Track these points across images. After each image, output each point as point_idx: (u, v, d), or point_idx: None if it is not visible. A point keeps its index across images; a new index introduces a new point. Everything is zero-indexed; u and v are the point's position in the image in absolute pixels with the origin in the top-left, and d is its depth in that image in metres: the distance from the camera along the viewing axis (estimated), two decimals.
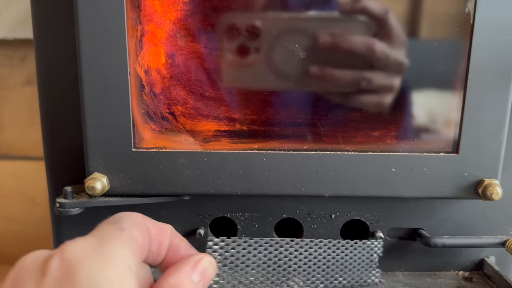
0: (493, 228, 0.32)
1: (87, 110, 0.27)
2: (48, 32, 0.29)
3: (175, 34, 0.27)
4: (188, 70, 0.28)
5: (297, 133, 0.29)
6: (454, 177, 0.29)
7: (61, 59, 0.29)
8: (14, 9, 0.60)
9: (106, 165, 0.28)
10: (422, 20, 0.27)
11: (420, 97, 0.29)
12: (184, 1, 0.27)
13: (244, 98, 0.28)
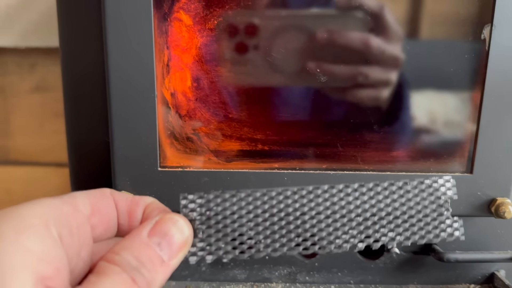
0: (504, 243, 0.33)
1: (115, 131, 0.28)
2: (76, 56, 0.30)
3: (201, 58, 0.28)
4: (213, 93, 0.29)
5: (316, 153, 0.30)
6: (468, 196, 0.30)
7: (90, 81, 0.30)
8: (25, 18, 0.60)
9: (133, 184, 0.29)
10: (437, 53, 0.28)
11: (437, 121, 0.30)
12: (210, 28, 0.28)
13: (266, 120, 0.29)
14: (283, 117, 0.29)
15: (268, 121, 0.29)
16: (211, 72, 0.28)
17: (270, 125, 0.29)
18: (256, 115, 0.29)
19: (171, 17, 0.27)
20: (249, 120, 0.29)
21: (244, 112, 0.29)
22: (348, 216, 0.21)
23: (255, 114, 0.29)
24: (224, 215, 0.21)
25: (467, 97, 0.29)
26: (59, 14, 0.30)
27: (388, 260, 0.34)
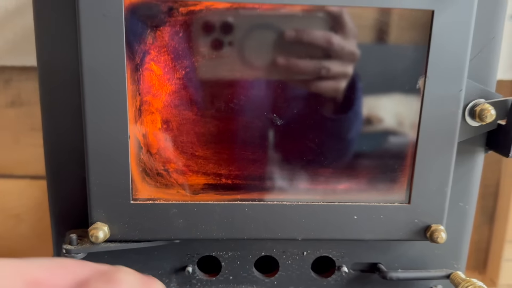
0: (440, 262, 0.38)
1: (91, 169, 0.31)
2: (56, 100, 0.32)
3: (170, 103, 0.31)
4: (181, 134, 0.32)
5: (274, 186, 0.34)
6: (406, 223, 0.34)
7: (68, 123, 0.33)
8: (0, 38, 0.62)
9: (107, 216, 0.32)
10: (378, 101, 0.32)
11: (378, 159, 0.34)
12: (179, 77, 0.31)
13: (229, 157, 0.33)
14: (244, 155, 0.33)
15: (231, 158, 0.33)
16: (179, 116, 0.32)
17: (232, 161, 0.33)
18: (220, 153, 0.33)
19: (142, 68, 0.30)
20: (214, 157, 0.33)
21: (209, 150, 0.33)
22: None
23: (219, 152, 0.33)
24: None
25: (405, 139, 0.33)
26: (37, 36, 0.32)
27: (338, 278, 0.38)
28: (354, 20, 0.31)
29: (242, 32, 0.31)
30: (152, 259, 0.35)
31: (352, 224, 0.34)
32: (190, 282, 0.37)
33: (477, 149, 0.36)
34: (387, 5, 0.31)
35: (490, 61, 0.34)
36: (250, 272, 0.37)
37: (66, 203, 0.35)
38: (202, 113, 0.32)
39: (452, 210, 0.36)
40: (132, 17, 0.30)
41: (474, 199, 0.37)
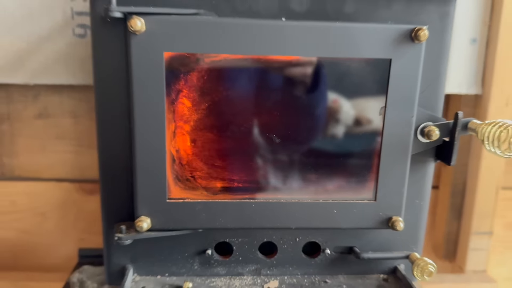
0: (402, 246, 0.50)
1: (138, 176, 0.43)
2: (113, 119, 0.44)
3: (196, 128, 0.43)
4: (204, 150, 0.44)
5: (273, 188, 0.45)
6: (373, 216, 0.46)
7: (119, 141, 0.44)
8: (34, 61, 0.73)
9: (149, 211, 0.44)
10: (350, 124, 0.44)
11: (352, 169, 0.46)
12: (203, 108, 0.42)
13: (239, 167, 0.44)
14: (251, 165, 0.45)
15: (241, 168, 0.45)
16: (203, 136, 0.43)
17: (242, 170, 0.45)
18: (233, 164, 0.44)
19: (177, 102, 0.42)
20: (228, 167, 0.44)
21: (225, 162, 0.44)
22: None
23: (232, 163, 0.44)
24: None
25: (371, 153, 0.45)
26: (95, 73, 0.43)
27: (323, 258, 0.49)
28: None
29: (248, 75, 0.43)
30: (181, 244, 0.47)
31: (333, 216, 0.46)
32: (209, 262, 0.48)
33: (428, 160, 0.48)
34: (357, 55, 0.42)
35: (436, 93, 0.46)
36: (255, 254, 0.49)
37: (115, 202, 0.46)
38: (220, 135, 0.44)
39: (410, 206, 0.48)
40: (169, 65, 0.41)
41: (427, 197, 0.49)
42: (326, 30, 0.41)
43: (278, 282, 0.48)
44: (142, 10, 0.39)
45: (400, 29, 0.41)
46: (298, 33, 0.41)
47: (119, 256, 0.47)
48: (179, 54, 0.41)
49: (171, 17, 0.40)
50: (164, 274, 0.48)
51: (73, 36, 0.72)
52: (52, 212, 0.85)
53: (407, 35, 0.41)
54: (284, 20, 0.42)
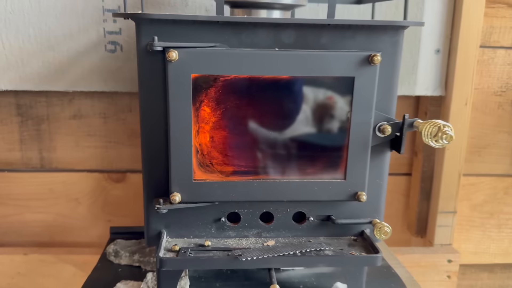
0: (368, 213, 0.67)
1: (172, 163, 0.60)
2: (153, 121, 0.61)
3: (214, 127, 0.60)
4: (220, 143, 0.61)
5: (271, 171, 0.63)
6: (344, 191, 0.64)
7: (159, 139, 0.61)
8: (73, 72, 0.90)
9: (180, 188, 0.61)
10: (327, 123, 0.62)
11: (329, 157, 0.63)
12: (219, 113, 0.60)
13: (246, 156, 0.62)
14: (254, 154, 0.62)
15: (247, 157, 0.62)
16: (219, 134, 0.61)
17: (248, 158, 0.62)
18: (241, 154, 0.62)
19: (200, 109, 0.60)
20: (238, 156, 0.62)
21: (235, 152, 0.62)
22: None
23: (241, 153, 0.62)
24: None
25: (342, 145, 0.63)
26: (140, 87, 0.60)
27: (308, 224, 0.67)
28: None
29: (251, 89, 0.60)
30: (201, 214, 0.65)
31: (314, 192, 0.63)
32: (223, 227, 0.66)
33: (385, 149, 0.65)
34: (329, 74, 0.60)
35: (391, 101, 0.63)
36: (257, 222, 0.66)
37: (153, 181, 0.64)
38: (231, 132, 0.61)
39: (372, 184, 0.66)
40: (195, 83, 0.58)
41: (385, 178, 0.67)
42: (308, 56, 0.59)
43: (274, 242, 0.65)
44: (176, 44, 0.57)
45: (360, 55, 0.59)
46: (287, 59, 0.59)
47: (156, 223, 0.64)
48: (202, 75, 0.59)
49: (196, 49, 0.57)
50: (189, 236, 0.66)
51: (105, 51, 0.90)
52: (84, 198, 1.03)
53: (365, 59, 0.59)
54: (276, 49, 0.59)
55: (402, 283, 0.76)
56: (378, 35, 0.60)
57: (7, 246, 1.03)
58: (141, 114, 0.61)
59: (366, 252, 0.63)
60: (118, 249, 0.84)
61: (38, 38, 0.87)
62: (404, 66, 0.94)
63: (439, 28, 0.94)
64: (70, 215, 1.03)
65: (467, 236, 1.11)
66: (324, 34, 0.60)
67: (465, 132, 0.96)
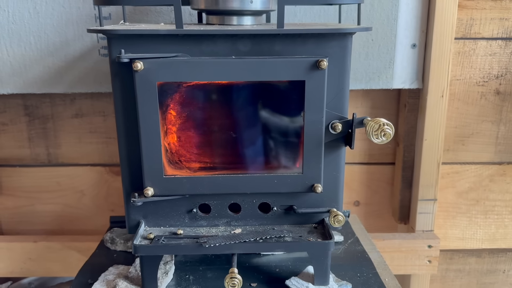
0: (326, 203, 0.74)
1: (144, 161, 0.68)
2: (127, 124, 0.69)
3: (180, 129, 0.68)
4: (186, 143, 0.69)
5: (235, 167, 0.71)
6: (302, 183, 0.70)
7: (133, 141, 0.69)
8: (71, 74, 0.98)
9: (152, 183, 0.69)
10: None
11: (287, 152, 0.70)
12: (184, 116, 0.68)
13: (211, 153, 0.70)
14: (218, 152, 0.70)
15: (212, 154, 0.70)
16: (185, 134, 0.69)
17: (213, 155, 0.70)
18: (206, 151, 0.70)
19: (166, 112, 0.67)
20: (203, 154, 0.70)
21: (201, 150, 0.70)
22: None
23: (205, 151, 0.70)
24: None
25: (297, 142, 0.69)
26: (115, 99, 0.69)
27: (273, 214, 0.74)
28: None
29: (213, 93, 0.68)
30: (175, 205, 0.73)
31: (275, 184, 0.70)
32: (195, 217, 0.74)
33: (339, 145, 0.71)
34: (281, 78, 0.66)
35: (342, 100, 0.69)
36: (226, 212, 0.74)
37: (131, 177, 0.72)
38: (196, 133, 0.69)
39: (329, 176, 0.72)
40: (160, 89, 0.66)
41: (342, 170, 0.73)
42: (261, 63, 0.65)
43: (241, 230, 0.73)
44: (141, 56, 0.64)
45: (309, 60, 0.65)
46: (243, 65, 0.65)
47: (135, 214, 0.73)
48: (167, 82, 0.66)
49: (160, 59, 0.65)
50: (165, 226, 0.74)
51: (99, 55, 0.99)
52: (89, 190, 1.13)
53: (314, 64, 0.65)
54: (233, 57, 0.66)
55: (373, 267, 0.82)
56: (326, 41, 0.66)
57: (21, 234, 1.14)
58: (116, 119, 0.69)
59: (322, 239, 0.70)
60: (114, 237, 0.93)
61: (38, 45, 0.96)
62: (381, 60, 0.98)
63: (414, 23, 0.98)
64: (76, 205, 1.14)
65: (454, 222, 1.16)
66: (277, 42, 0.66)
67: (442, 122, 1.01)
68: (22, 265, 1.05)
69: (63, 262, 1.04)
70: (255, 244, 0.68)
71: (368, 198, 1.14)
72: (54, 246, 1.04)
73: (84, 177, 1.11)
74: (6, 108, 1.05)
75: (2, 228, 1.14)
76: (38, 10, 0.94)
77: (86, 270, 0.82)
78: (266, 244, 0.68)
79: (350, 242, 0.90)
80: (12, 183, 1.11)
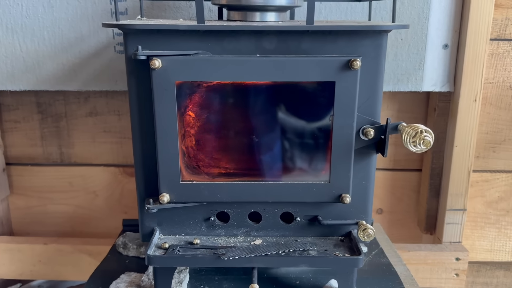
0: (354, 215, 0.68)
1: (160, 165, 0.63)
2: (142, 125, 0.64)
3: (199, 131, 0.63)
4: (205, 146, 0.64)
5: (257, 173, 0.65)
6: (328, 193, 0.65)
7: (149, 144, 0.64)
8: (85, 72, 0.94)
9: (168, 189, 0.64)
10: None
11: (314, 160, 0.64)
12: (203, 118, 0.62)
13: (231, 159, 0.64)
14: (240, 157, 0.64)
15: (232, 159, 0.64)
16: (204, 138, 0.63)
17: (233, 161, 0.65)
18: (226, 157, 0.64)
19: (185, 114, 0.62)
20: (223, 159, 0.64)
21: (220, 155, 0.64)
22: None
23: (226, 156, 0.64)
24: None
25: (325, 148, 0.64)
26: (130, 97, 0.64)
27: (295, 224, 0.69)
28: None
29: (234, 94, 0.62)
30: (192, 213, 0.68)
31: (299, 193, 0.65)
32: (212, 226, 0.69)
33: (370, 152, 0.66)
34: (309, 79, 0.61)
35: (375, 104, 0.64)
36: (245, 221, 0.69)
37: (146, 182, 0.67)
38: (215, 136, 0.64)
39: (358, 186, 0.66)
40: (179, 89, 0.61)
41: (372, 179, 0.67)
42: (288, 62, 0.60)
43: (261, 240, 0.68)
44: (159, 53, 0.59)
45: (340, 60, 0.59)
46: (268, 64, 0.60)
47: (149, 221, 0.68)
48: (186, 82, 0.61)
49: (179, 57, 0.59)
50: (180, 234, 0.69)
51: (114, 52, 0.94)
52: (102, 191, 1.09)
53: (345, 64, 0.59)
54: (258, 55, 0.61)
55: (400, 282, 0.76)
56: (359, 39, 0.61)
57: (32, 235, 1.10)
58: (131, 119, 0.64)
59: (350, 253, 0.64)
60: (127, 241, 0.88)
61: (52, 41, 0.92)
62: (410, 61, 0.92)
63: (447, 23, 0.92)
64: (89, 207, 1.09)
65: (482, 233, 1.09)
66: (305, 39, 0.61)
67: (474, 128, 0.94)
68: (32, 267, 1.01)
69: (73, 266, 1.00)
70: (278, 258, 0.63)
71: (392, 206, 1.08)
72: (65, 249, 1.00)
73: (97, 178, 1.07)
74: (18, 106, 1.01)
75: (13, 228, 1.10)
76: (53, 4, 0.89)
77: (97, 277, 0.77)
78: (289, 258, 0.63)
79: (374, 254, 0.84)
80: (24, 182, 1.07)
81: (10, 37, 0.91)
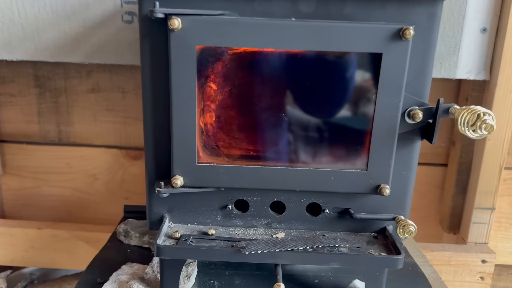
0: (392, 209, 0.59)
1: (175, 144, 0.54)
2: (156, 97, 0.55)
3: (220, 106, 0.54)
4: (226, 124, 0.55)
5: (282, 157, 0.56)
6: (365, 183, 0.56)
7: (162, 118, 0.55)
8: (89, 43, 0.85)
9: (182, 171, 0.55)
10: None
11: (349, 144, 0.55)
12: (226, 91, 0.53)
13: (254, 139, 0.55)
14: (264, 138, 0.55)
15: (256, 140, 0.55)
16: (225, 113, 0.54)
17: (256, 142, 0.55)
18: (249, 137, 0.55)
19: (205, 85, 0.53)
20: (246, 139, 0.55)
21: (243, 134, 0.55)
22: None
23: (249, 136, 0.55)
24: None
25: (364, 131, 0.55)
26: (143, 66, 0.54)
27: (323, 217, 0.60)
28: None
29: (264, 64, 0.53)
30: (207, 200, 0.59)
31: (331, 182, 0.56)
32: (229, 215, 0.60)
33: (415, 138, 0.57)
34: (352, 49, 0.52)
35: (424, 82, 0.55)
36: (267, 211, 0.60)
37: (156, 162, 0.58)
38: (239, 112, 0.54)
39: (398, 176, 0.58)
40: (200, 55, 0.52)
41: (414, 170, 0.58)
42: (328, 28, 0.51)
43: (284, 234, 0.59)
44: (180, 11, 0.50)
45: (390, 28, 0.50)
46: (305, 30, 0.51)
47: (158, 207, 0.59)
48: (208, 47, 0.52)
49: (202, 17, 0.50)
50: (193, 223, 0.60)
51: (122, 22, 0.84)
52: (102, 174, 1.00)
53: (396, 34, 0.50)
54: (293, 19, 0.52)
55: (428, 284, 0.68)
56: (411, 6, 0.52)
57: (25, 218, 1.01)
58: (143, 90, 0.55)
59: (387, 252, 0.55)
60: (129, 229, 0.79)
61: (54, 7, 0.82)
62: (444, 45, 0.83)
63: (487, 4, 0.83)
64: (87, 190, 1.00)
65: (506, 234, 1.01)
66: (349, 3, 0.52)
67: (509, 121, 0.86)
68: (24, 253, 0.92)
69: (69, 253, 0.91)
70: (305, 254, 0.54)
71: (413, 202, 0.99)
72: (60, 235, 0.91)
73: (97, 160, 0.98)
74: (14, 78, 0.92)
75: (5, 211, 1.01)
76: None
77: (95, 266, 0.69)
78: (318, 255, 0.54)
79: None
80: (18, 161, 0.98)
81: (8, 1, 0.82)
